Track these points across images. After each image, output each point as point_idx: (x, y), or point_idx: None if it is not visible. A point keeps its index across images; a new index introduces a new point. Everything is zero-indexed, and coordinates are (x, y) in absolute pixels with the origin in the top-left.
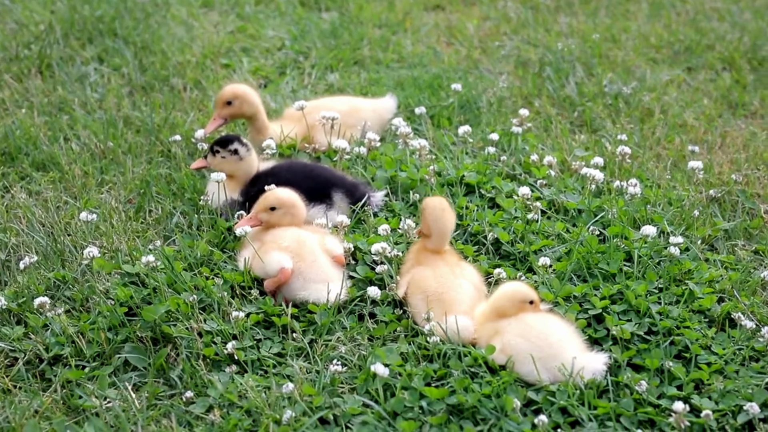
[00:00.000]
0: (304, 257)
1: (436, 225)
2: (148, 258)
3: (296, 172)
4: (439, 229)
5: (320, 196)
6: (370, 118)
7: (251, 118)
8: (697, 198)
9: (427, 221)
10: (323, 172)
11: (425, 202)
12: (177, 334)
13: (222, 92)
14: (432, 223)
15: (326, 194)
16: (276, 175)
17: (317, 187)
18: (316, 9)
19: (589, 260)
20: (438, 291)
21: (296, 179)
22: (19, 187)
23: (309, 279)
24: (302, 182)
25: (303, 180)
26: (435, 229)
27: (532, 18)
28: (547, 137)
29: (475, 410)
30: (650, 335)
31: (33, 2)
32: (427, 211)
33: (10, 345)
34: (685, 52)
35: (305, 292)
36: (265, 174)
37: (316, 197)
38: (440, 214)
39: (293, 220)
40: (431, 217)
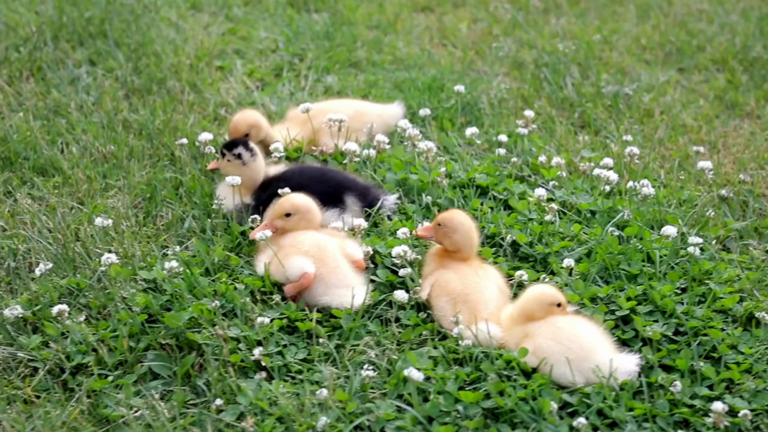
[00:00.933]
0: (325, 262)
1: (466, 240)
2: (171, 264)
3: (308, 175)
4: (471, 243)
5: (333, 200)
6: (376, 123)
7: (263, 141)
8: (708, 198)
9: (456, 238)
10: (335, 176)
11: (450, 220)
12: (203, 340)
13: (235, 123)
14: (462, 240)
15: (339, 198)
16: (288, 180)
17: (330, 191)
18: (305, 10)
19: (610, 261)
20: (464, 293)
21: (308, 183)
22: (23, 192)
23: (331, 284)
24: (314, 186)
25: (315, 184)
26: (465, 243)
27: (523, 19)
28: (551, 138)
29: (513, 414)
30: (677, 336)
31: (16, 3)
32: (458, 229)
33: (29, 354)
34: (677, 53)
35: (328, 297)
36: (276, 178)
37: (328, 201)
38: (469, 228)
39: (309, 225)
40: (462, 233)
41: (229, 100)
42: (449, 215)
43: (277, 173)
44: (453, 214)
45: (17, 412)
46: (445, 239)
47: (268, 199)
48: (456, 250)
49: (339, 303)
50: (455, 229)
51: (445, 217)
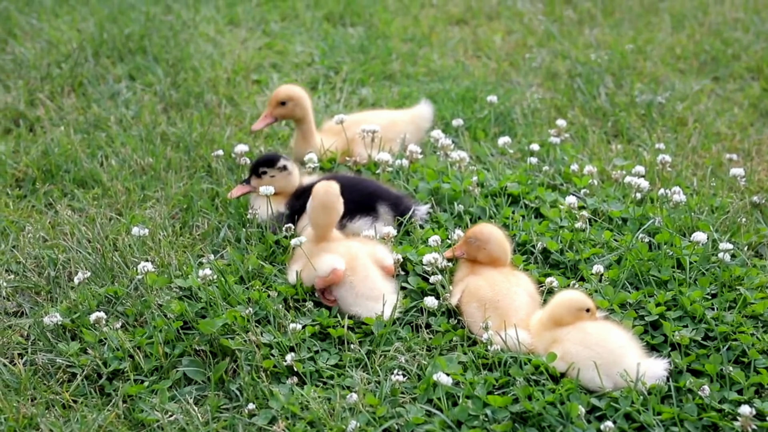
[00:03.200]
0: (356, 271)
1: (499, 249)
2: (205, 272)
3: (342, 184)
4: (505, 252)
5: (366, 209)
6: (409, 129)
7: (300, 121)
8: (740, 205)
9: (490, 249)
10: (368, 185)
11: (480, 233)
12: (236, 347)
13: (277, 92)
14: (496, 250)
15: (372, 207)
16: None
17: (363, 200)
18: (341, 25)
19: (639, 268)
20: (494, 299)
21: (342, 192)
22: (63, 203)
23: (361, 294)
24: (348, 195)
25: (349, 193)
26: (500, 253)
27: (558, 31)
28: (584, 147)
29: (540, 418)
30: (707, 341)
31: (59, 21)
32: (490, 240)
33: (67, 360)
34: (712, 62)
35: (358, 308)
36: (311, 187)
37: (361, 210)
38: (500, 238)
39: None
40: (495, 244)
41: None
42: (479, 229)
43: (312, 182)
44: (482, 227)
45: (56, 416)
46: (479, 253)
47: (301, 207)
48: (491, 261)
49: (368, 313)
50: (488, 241)
51: (475, 231)
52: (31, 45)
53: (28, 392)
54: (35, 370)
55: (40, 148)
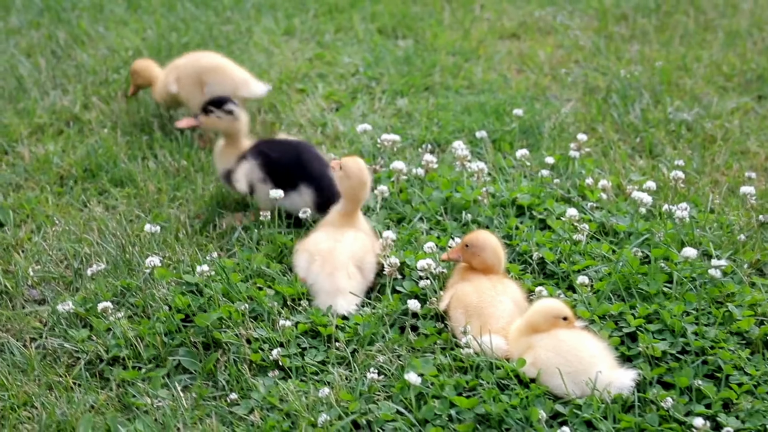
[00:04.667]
0: (325, 265)
1: (494, 257)
2: (203, 267)
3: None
4: (499, 259)
5: (291, 185)
6: (225, 85)
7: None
8: (747, 223)
9: (484, 257)
10: (309, 162)
11: (477, 240)
12: (226, 339)
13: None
14: (491, 257)
15: (297, 184)
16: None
17: (294, 175)
18: (393, 37)
19: (629, 281)
20: (478, 306)
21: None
22: (95, 200)
23: (321, 289)
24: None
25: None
26: (494, 261)
27: (605, 46)
28: (606, 162)
29: (502, 420)
30: (684, 354)
31: (126, 30)
32: (486, 248)
33: (74, 346)
34: (758, 80)
35: (317, 300)
36: (254, 146)
37: (289, 184)
38: (496, 246)
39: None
40: (489, 251)
41: (300, 120)
42: (475, 236)
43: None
44: (479, 234)
45: (55, 397)
46: (474, 259)
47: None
48: (485, 268)
49: (323, 306)
50: (483, 248)
51: (472, 238)
52: (94, 52)
53: (34, 373)
54: (45, 354)
55: (86, 149)
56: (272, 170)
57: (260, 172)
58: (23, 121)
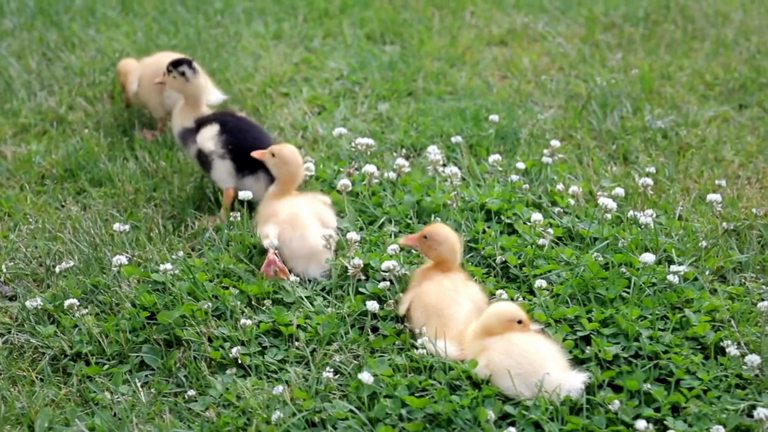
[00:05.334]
0: (296, 228)
1: (450, 251)
2: (165, 266)
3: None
4: (455, 254)
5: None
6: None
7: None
8: (712, 230)
9: (441, 250)
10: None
11: (436, 233)
12: (187, 337)
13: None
14: (447, 251)
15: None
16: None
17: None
18: (380, 42)
19: (589, 285)
20: (438, 307)
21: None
22: (72, 200)
23: (296, 253)
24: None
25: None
26: (450, 255)
27: (590, 54)
28: (580, 168)
29: (451, 420)
30: (636, 358)
31: (118, 33)
32: (444, 242)
33: (40, 341)
34: (739, 89)
35: (293, 263)
36: (214, 116)
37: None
38: (454, 241)
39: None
40: (447, 245)
41: (281, 123)
42: (435, 229)
43: (223, 114)
44: (438, 228)
45: (18, 391)
46: (430, 251)
47: (202, 123)
48: (440, 261)
49: (300, 270)
50: (441, 242)
51: (431, 230)
52: (83, 54)
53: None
54: (11, 349)
55: (69, 149)
56: (235, 151)
57: (221, 148)
58: (8, 121)
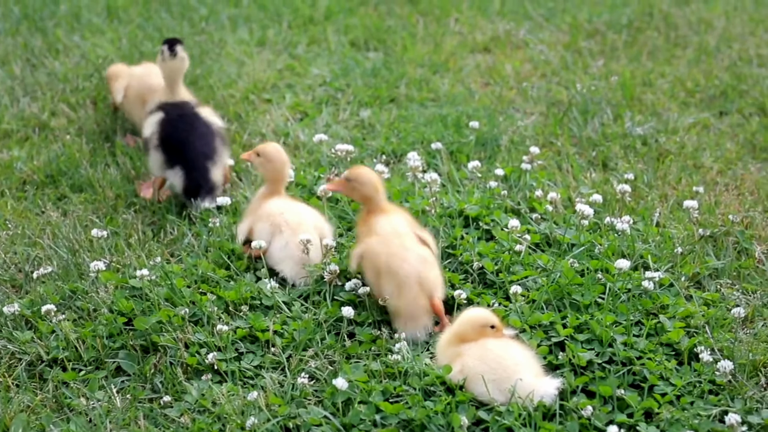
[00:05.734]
0: (296, 232)
1: (373, 191)
2: (142, 272)
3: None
4: (377, 193)
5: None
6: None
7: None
8: (688, 236)
9: (364, 191)
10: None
11: (359, 175)
12: (163, 343)
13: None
14: (369, 191)
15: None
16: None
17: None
18: (364, 49)
19: (564, 291)
20: (387, 264)
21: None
22: (51, 204)
23: (290, 255)
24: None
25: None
26: (374, 194)
27: (572, 61)
28: (559, 175)
29: (425, 426)
30: (610, 364)
31: (102, 39)
32: (366, 183)
33: (17, 347)
34: (720, 96)
35: (283, 266)
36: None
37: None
38: (377, 183)
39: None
40: (370, 187)
41: (263, 130)
42: (356, 171)
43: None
44: (359, 169)
45: None
46: (354, 192)
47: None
48: (364, 200)
49: (289, 272)
50: (363, 183)
51: (352, 172)
52: (67, 60)
53: None
54: None
55: (50, 155)
56: (164, 142)
57: (156, 139)
58: None
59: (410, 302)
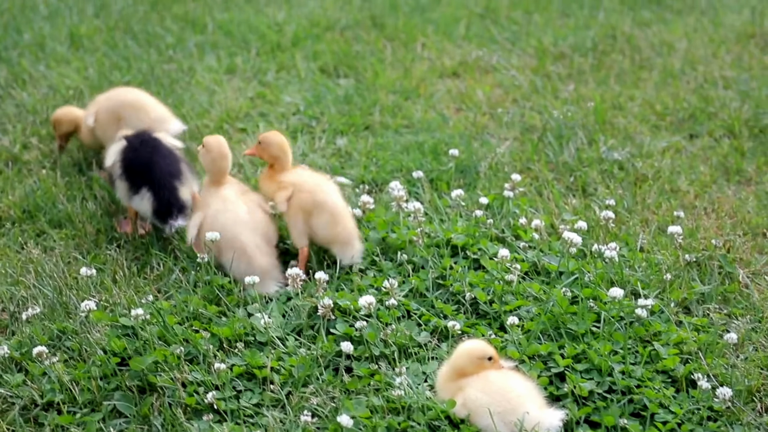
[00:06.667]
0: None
1: (281, 152)
2: (137, 311)
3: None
4: (284, 155)
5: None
6: (141, 120)
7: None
8: (674, 262)
9: (272, 152)
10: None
11: (268, 138)
12: (161, 383)
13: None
14: (278, 152)
15: (142, 185)
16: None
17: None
18: (334, 75)
19: (559, 320)
20: (316, 201)
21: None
22: (32, 242)
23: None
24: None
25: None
26: (282, 155)
27: (542, 85)
28: (540, 201)
29: None
30: (611, 394)
31: (68, 69)
32: (272, 146)
33: (9, 391)
34: (689, 119)
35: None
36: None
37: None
38: (284, 146)
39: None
40: (277, 149)
41: (240, 160)
42: (266, 135)
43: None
44: (269, 134)
45: None
46: (264, 153)
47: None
48: (273, 160)
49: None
50: (269, 144)
51: (264, 135)
52: (35, 91)
53: None
54: None
55: (25, 190)
56: (127, 169)
57: (119, 168)
58: None
59: (345, 228)
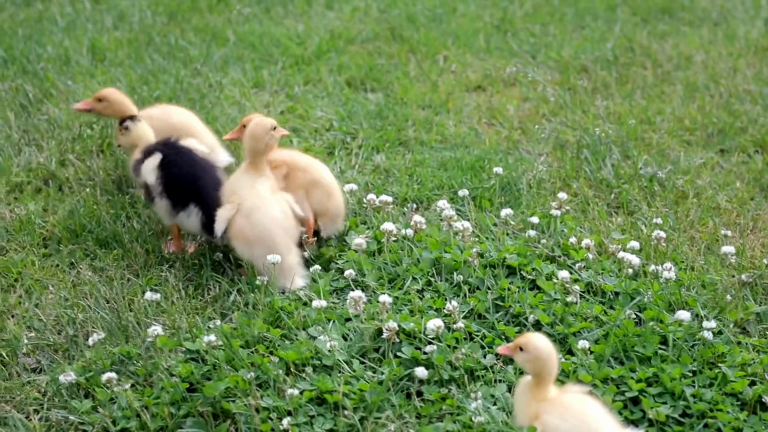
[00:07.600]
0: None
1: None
2: (209, 337)
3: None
4: (265, 147)
5: (186, 200)
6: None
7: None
8: (730, 282)
9: (251, 144)
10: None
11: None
12: (236, 410)
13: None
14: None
15: (189, 202)
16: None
17: (191, 189)
18: (362, 90)
19: (625, 343)
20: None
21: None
22: (85, 264)
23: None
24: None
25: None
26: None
27: (570, 100)
28: (585, 219)
29: None
30: (684, 417)
31: (94, 82)
32: (256, 138)
33: (79, 418)
34: (719, 134)
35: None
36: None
37: (183, 199)
38: (261, 137)
39: None
40: (253, 141)
41: None
42: (249, 118)
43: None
44: (254, 120)
45: None
46: (245, 136)
47: (148, 153)
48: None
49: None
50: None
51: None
52: (65, 106)
53: None
54: (49, 426)
55: (67, 208)
56: (169, 186)
57: (159, 185)
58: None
59: (336, 203)
